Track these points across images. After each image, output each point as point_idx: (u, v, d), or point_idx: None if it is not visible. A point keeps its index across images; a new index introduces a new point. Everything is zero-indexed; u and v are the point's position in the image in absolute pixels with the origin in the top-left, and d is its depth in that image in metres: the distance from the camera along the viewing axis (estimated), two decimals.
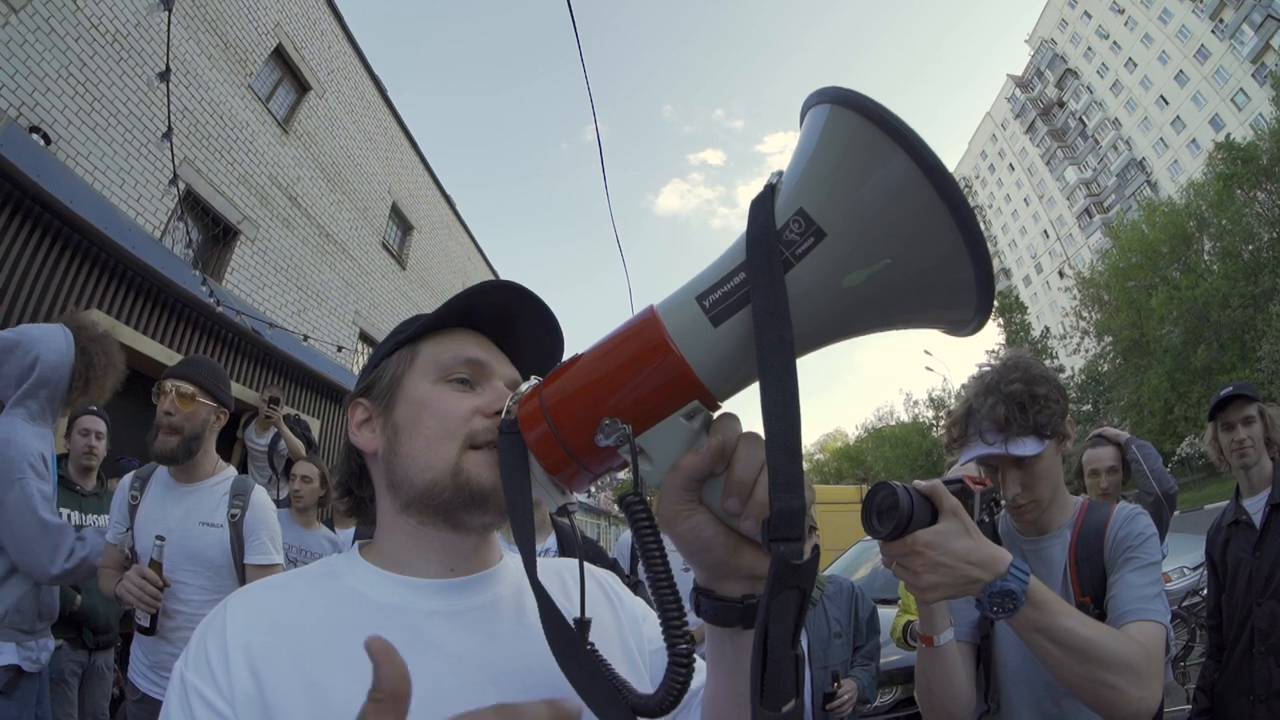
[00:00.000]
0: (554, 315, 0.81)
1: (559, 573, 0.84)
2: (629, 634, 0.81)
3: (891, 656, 2.94)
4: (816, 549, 0.53)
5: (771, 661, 0.47)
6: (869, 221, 0.46)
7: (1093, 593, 1.33)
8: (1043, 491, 1.39)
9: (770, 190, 0.51)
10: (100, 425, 3.47)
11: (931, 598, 1.06)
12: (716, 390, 0.52)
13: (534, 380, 0.61)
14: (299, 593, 0.73)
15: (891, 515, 0.98)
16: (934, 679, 1.28)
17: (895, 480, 1.00)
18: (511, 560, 0.82)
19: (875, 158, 0.45)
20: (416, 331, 0.81)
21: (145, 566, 2.10)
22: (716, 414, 0.54)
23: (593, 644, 0.58)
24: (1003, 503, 1.45)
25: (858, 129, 0.46)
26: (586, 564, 0.75)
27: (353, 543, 0.90)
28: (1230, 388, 2.63)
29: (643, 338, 0.53)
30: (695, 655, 0.52)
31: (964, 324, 0.51)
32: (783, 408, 0.46)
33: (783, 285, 0.47)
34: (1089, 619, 1.12)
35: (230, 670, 0.63)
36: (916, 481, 1.05)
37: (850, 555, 6.68)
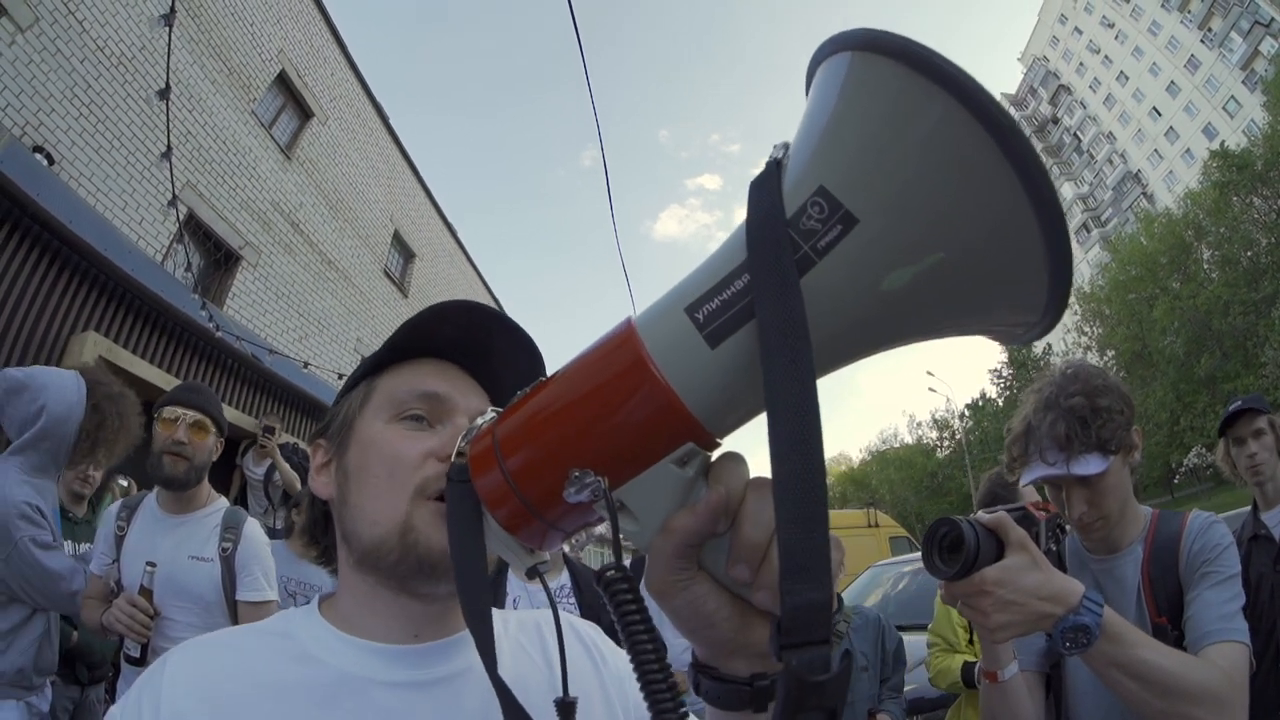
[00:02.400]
0: (526, 334, 0.70)
1: (537, 627, 0.75)
2: (614, 697, 0.72)
3: (909, 686, 2.87)
4: (848, 655, 0.37)
5: None
6: (916, 201, 0.34)
7: (1169, 611, 1.26)
8: (1111, 508, 1.32)
9: (775, 167, 0.39)
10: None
11: (1002, 638, 1.00)
12: (715, 426, 0.40)
13: (491, 414, 0.50)
14: (247, 654, 0.65)
15: (957, 553, 0.94)
16: (1000, 715, 1.22)
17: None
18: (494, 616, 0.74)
19: (922, 115, 0.33)
20: (372, 364, 0.71)
21: (134, 594, 2.02)
22: (716, 454, 0.42)
23: None
24: (1067, 527, 1.38)
25: (894, 78, 0.34)
26: (567, 618, 0.65)
27: None
28: (1239, 401, 2.60)
29: (616, 360, 0.40)
30: None
31: (1028, 328, 0.38)
32: (800, 460, 0.33)
33: (798, 294, 0.35)
34: (1167, 649, 1.07)
35: None
36: (980, 514, 1.01)
37: (862, 581, 6.54)
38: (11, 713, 2.10)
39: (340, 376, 10.02)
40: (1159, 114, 47.55)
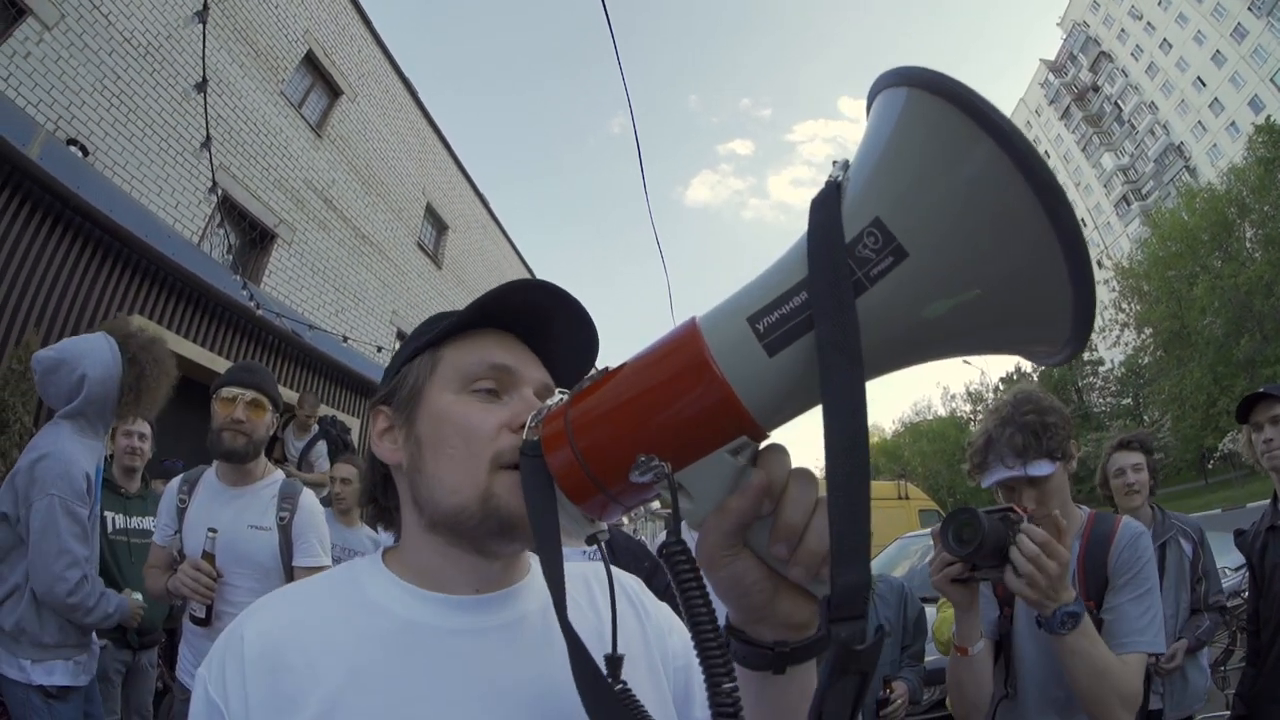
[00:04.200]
0: (587, 313, 0.74)
1: (586, 580, 0.80)
2: (654, 648, 0.77)
3: (931, 656, 2.90)
4: (881, 630, 0.44)
5: None
6: (962, 243, 0.39)
7: (1096, 596, 1.55)
8: (1055, 506, 1.57)
9: (835, 189, 0.43)
10: (145, 428, 3.53)
11: (1034, 594, 1.29)
12: (765, 421, 0.46)
13: (560, 396, 0.57)
14: (320, 604, 0.70)
15: (971, 539, 1.27)
16: (966, 682, 1.54)
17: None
18: (535, 580, 0.78)
19: (970, 160, 0.37)
20: (439, 335, 0.74)
21: (198, 559, 2.14)
22: (763, 444, 0.48)
23: (624, 682, 0.54)
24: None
25: (949, 123, 0.38)
26: (614, 571, 0.70)
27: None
28: (1261, 389, 2.57)
29: (682, 358, 0.46)
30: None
31: (1048, 355, 0.43)
32: (849, 465, 0.40)
33: (854, 316, 0.40)
34: (1108, 651, 1.40)
35: (246, 686, 0.63)
36: (1028, 524, 1.31)
37: (889, 553, 6.62)
38: (62, 674, 2.24)
39: (379, 349, 10.26)
40: (1203, 84, 44.79)
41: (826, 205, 0.42)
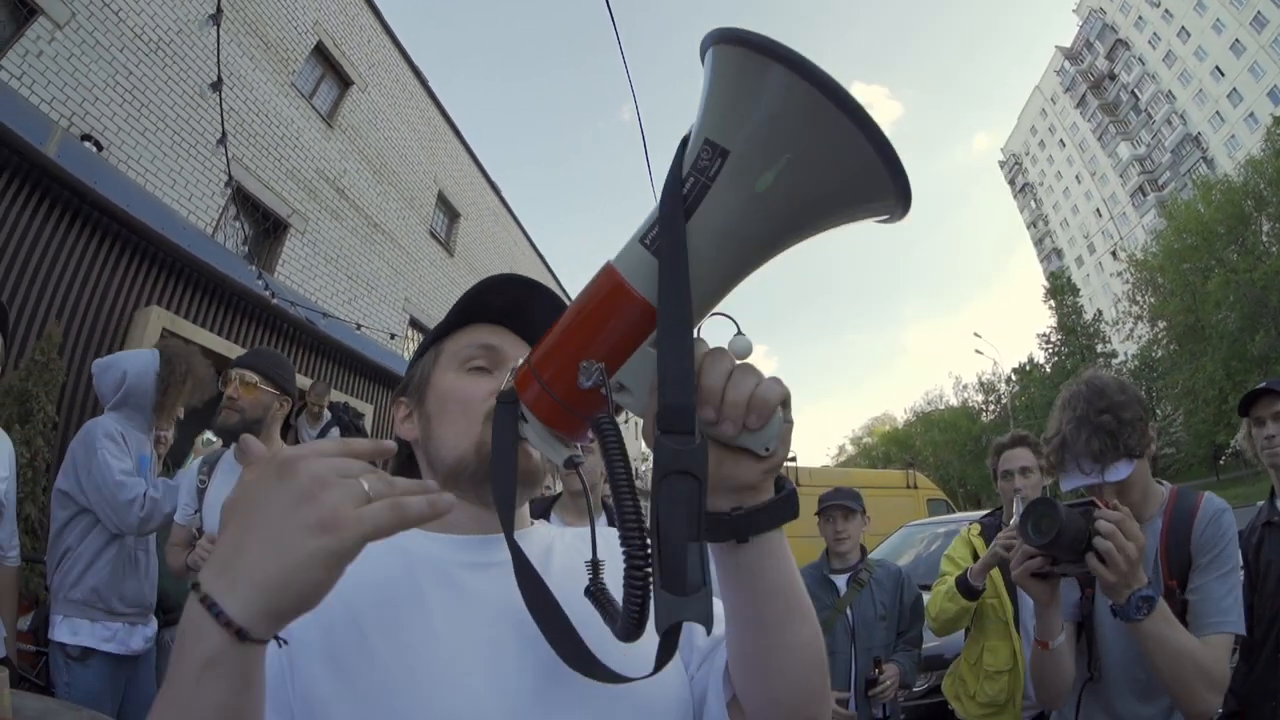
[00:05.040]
0: (558, 298, 0.86)
1: (576, 538, 0.90)
2: None
3: (930, 643, 2.95)
4: (704, 440, 0.54)
5: (665, 542, 0.52)
6: (761, 127, 0.50)
7: (1179, 576, 1.53)
8: (1136, 496, 1.59)
9: (682, 145, 0.56)
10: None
11: (1115, 576, 1.30)
12: None
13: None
14: None
15: (1049, 529, 1.30)
16: (1048, 674, 1.53)
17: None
18: (541, 528, 0.90)
19: (753, 74, 0.49)
20: (439, 332, 0.90)
21: (216, 534, 2.22)
22: None
23: (603, 584, 0.64)
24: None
25: (733, 57, 0.51)
26: (605, 529, 0.82)
27: None
28: (1262, 384, 2.56)
29: (599, 284, 0.58)
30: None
31: (889, 208, 0.53)
32: (674, 314, 0.53)
33: (681, 223, 0.53)
34: (1187, 633, 1.39)
35: None
36: (1103, 510, 1.32)
37: (895, 540, 6.63)
38: (88, 635, 2.35)
39: (392, 336, 10.36)
40: (1221, 74, 43.45)
41: (678, 152, 0.56)
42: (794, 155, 0.50)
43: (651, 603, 0.53)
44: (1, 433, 2.48)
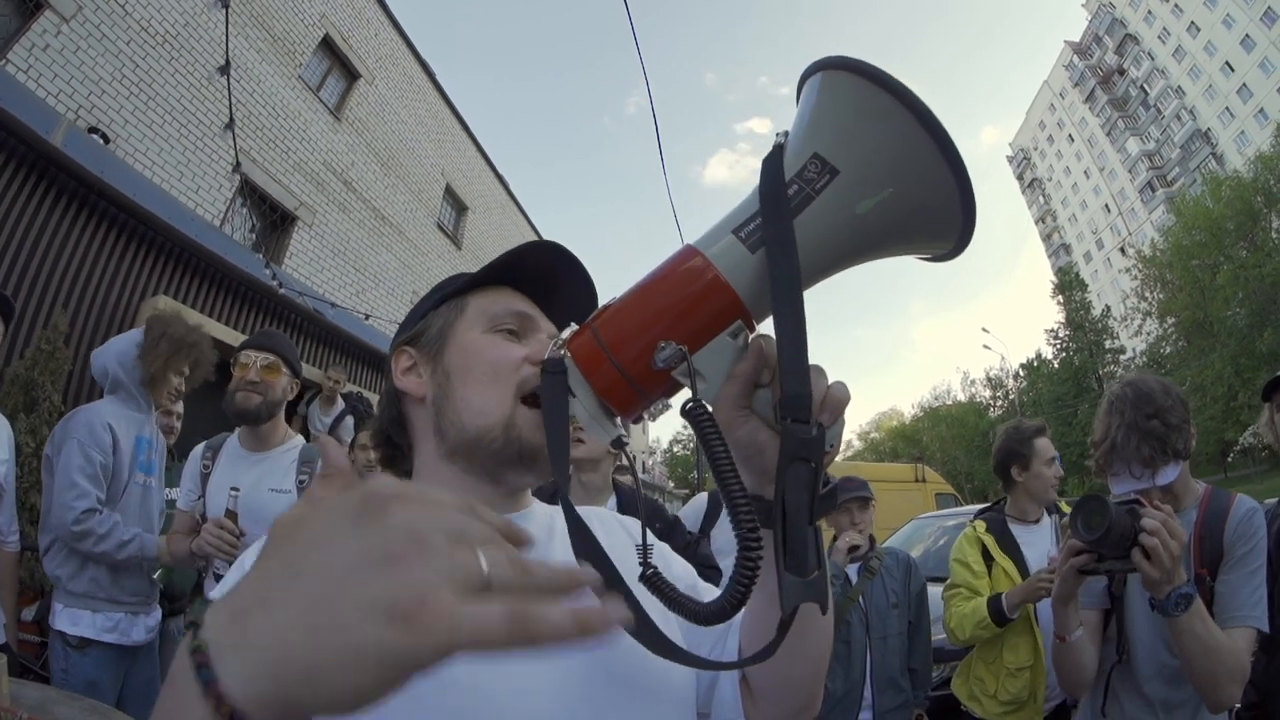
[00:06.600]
0: (590, 277, 0.84)
1: (601, 519, 0.88)
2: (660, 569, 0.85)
3: (939, 636, 2.92)
4: (821, 427, 0.56)
5: (791, 526, 0.53)
6: (873, 158, 0.56)
7: (1210, 565, 1.59)
8: (1176, 489, 1.66)
9: (779, 148, 0.59)
10: (179, 406, 3.61)
11: (1158, 572, 1.36)
12: (752, 304, 0.58)
13: (573, 328, 0.65)
14: None
15: (1099, 525, 1.37)
16: (1067, 665, 1.64)
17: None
18: (540, 508, 0.85)
19: (878, 112, 0.54)
20: (464, 285, 0.83)
21: (222, 518, 2.18)
22: (753, 336, 0.60)
23: (654, 566, 0.62)
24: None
25: (858, 87, 0.55)
26: (619, 516, 0.82)
27: None
28: None
29: (688, 270, 0.59)
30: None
31: (947, 252, 0.60)
32: (789, 310, 0.55)
33: (790, 226, 0.55)
34: (1219, 630, 1.45)
35: None
36: (1148, 508, 1.37)
37: (903, 533, 6.62)
38: (88, 625, 2.29)
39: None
40: (1231, 69, 42.99)
41: (773, 156, 0.59)
42: (896, 190, 0.56)
43: (776, 584, 0.54)
44: (0, 416, 2.45)
